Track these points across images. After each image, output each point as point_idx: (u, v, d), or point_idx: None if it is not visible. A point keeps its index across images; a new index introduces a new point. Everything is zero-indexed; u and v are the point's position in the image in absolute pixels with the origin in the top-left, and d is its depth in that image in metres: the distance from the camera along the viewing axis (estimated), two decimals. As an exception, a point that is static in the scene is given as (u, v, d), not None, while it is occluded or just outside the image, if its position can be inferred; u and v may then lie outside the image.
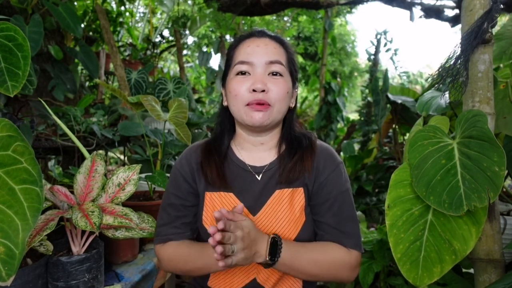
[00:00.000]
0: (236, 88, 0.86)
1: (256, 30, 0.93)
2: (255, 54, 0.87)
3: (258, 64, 0.86)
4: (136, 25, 5.08)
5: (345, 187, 0.92)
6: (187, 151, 0.99)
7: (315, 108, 6.10)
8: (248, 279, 0.92)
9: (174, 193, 0.95)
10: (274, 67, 0.87)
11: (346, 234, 0.88)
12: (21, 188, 0.64)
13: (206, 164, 0.93)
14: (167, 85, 2.35)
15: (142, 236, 1.01)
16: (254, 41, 0.89)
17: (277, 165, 0.93)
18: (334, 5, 3.55)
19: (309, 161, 0.91)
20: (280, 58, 0.88)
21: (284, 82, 0.87)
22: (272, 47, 0.88)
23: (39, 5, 1.94)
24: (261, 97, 0.84)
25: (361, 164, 3.30)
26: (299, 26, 8.25)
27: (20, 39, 0.88)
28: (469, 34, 0.89)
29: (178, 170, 0.96)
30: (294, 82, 0.93)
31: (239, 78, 0.87)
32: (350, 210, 0.91)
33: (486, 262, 0.88)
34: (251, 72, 0.87)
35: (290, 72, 0.91)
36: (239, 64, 0.87)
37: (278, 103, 0.86)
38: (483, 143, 0.79)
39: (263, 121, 0.85)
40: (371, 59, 4.15)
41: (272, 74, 0.87)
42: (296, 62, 0.95)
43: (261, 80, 0.84)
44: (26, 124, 1.44)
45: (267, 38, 0.90)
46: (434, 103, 1.19)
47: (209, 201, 0.93)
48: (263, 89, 0.83)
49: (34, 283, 0.86)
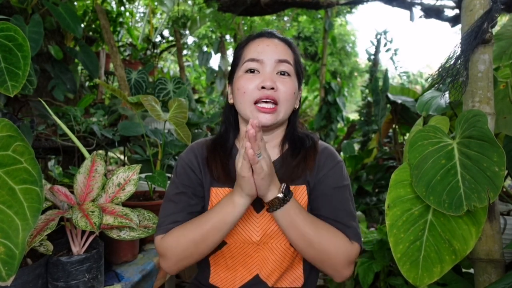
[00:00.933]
0: (245, 85, 0.87)
1: (266, 31, 0.95)
2: (265, 52, 0.88)
3: (268, 62, 0.87)
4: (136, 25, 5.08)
5: (344, 183, 0.92)
6: (193, 145, 1.00)
7: (315, 108, 6.10)
8: (250, 275, 0.92)
9: (183, 183, 0.93)
10: (283, 67, 0.88)
11: (344, 226, 0.88)
12: (21, 188, 0.64)
13: (212, 159, 0.94)
14: (167, 85, 2.35)
15: (148, 235, 1.01)
16: (263, 41, 0.91)
17: (280, 164, 0.93)
18: (334, 5, 3.55)
19: (312, 160, 0.92)
20: (289, 58, 0.90)
21: (292, 82, 0.89)
22: (281, 47, 0.90)
23: (39, 5, 1.94)
24: (270, 93, 0.85)
25: (361, 164, 3.30)
26: (299, 26, 8.25)
27: (20, 39, 0.88)
28: (469, 34, 0.89)
29: (186, 162, 0.96)
30: (300, 84, 0.95)
31: (248, 75, 0.88)
32: (348, 205, 0.91)
33: (486, 262, 0.88)
34: (260, 70, 0.88)
35: (296, 73, 0.92)
36: (248, 62, 0.88)
37: (285, 103, 0.87)
38: (483, 143, 0.79)
39: (270, 122, 0.86)
40: (371, 59, 4.15)
41: (281, 74, 0.88)
42: (301, 65, 0.97)
43: (271, 78, 0.86)
44: (26, 124, 1.44)
45: (276, 39, 0.92)
46: (434, 103, 1.19)
47: (214, 197, 0.93)
48: (272, 86, 0.85)
49: (34, 283, 0.86)
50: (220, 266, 0.95)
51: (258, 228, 0.90)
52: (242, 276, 0.92)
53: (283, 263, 0.91)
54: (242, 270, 0.92)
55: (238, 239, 0.90)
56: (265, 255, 0.91)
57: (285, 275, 0.93)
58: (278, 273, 0.91)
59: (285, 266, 0.91)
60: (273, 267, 0.90)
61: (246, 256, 0.92)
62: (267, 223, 0.90)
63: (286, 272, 0.93)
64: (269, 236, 0.90)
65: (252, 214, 0.91)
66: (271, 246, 0.90)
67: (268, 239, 0.90)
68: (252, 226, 0.90)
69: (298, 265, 0.94)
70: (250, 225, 0.91)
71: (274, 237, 0.90)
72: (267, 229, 0.90)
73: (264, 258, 0.91)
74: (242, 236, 0.90)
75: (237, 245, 0.91)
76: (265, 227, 0.90)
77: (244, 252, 0.92)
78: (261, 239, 0.90)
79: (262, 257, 0.91)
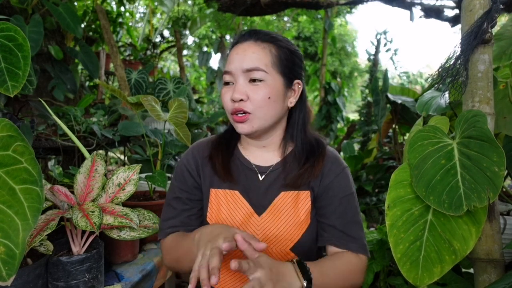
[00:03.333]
0: (223, 98, 0.88)
1: (241, 33, 0.89)
2: (233, 63, 0.85)
3: (236, 73, 0.85)
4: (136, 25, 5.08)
5: (350, 190, 0.92)
6: (194, 146, 1.00)
7: (315, 108, 6.10)
8: None
9: (179, 187, 0.96)
10: (253, 74, 0.83)
11: (352, 238, 0.88)
12: (21, 188, 0.64)
13: (215, 155, 0.94)
14: (167, 85, 2.35)
15: (148, 234, 1.01)
16: (235, 48, 0.87)
17: (281, 167, 0.93)
18: (334, 5, 3.55)
19: (319, 167, 0.91)
20: (259, 63, 0.83)
21: (265, 87, 0.83)
22: (250, 52, 0.84)
23: (39, 5, 1.94)
24: (237, 106, 0.84)
25: (361, 164, 3.30)
26: (299, 26, 8.25)
27: (20, 39, 0.88)
28: (469, 34, 0.89)
29: (184, 164, 0.97)
30: (291, 80, 0.89)
31: (225, 88, 0.88)
32: (355, 214, 0.91)
33: (486, 262, 0.88)
34: (233, 81, 0.86)
35: (280, 72, 0.86)
36: (224, 74, 0.88)
37: (259, 110, 0.84)
38: (483, 143, 0.79)
39: (247, 131, 0.85)
40: (371, 59, 4.15)
41: (252, 81, 0.84)
42: (292, 59, 0.88)
43: (239, 90, 0.83)
44: (26, 124, 1.44)
45: (251, 40, 0.86)
46: (434, 103, 1.19)
47: (214, 198, 0.94)
48: (240, 98, 0.83)
49: (34, 283, 0.86)
50: (220, 267, 0.95)
51: (259, 231, 0.90)
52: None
53: None
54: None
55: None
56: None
57: None
58: None
59: None
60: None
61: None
62: (268, 226, 0.89)
63: None
64: (269, 240, 0.89)
65: (253, 216, 0.91)
66: (270, 251, 0.89)
67: (268, 243, 0.89)
68: (252, 228, 0.90)
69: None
70: (251, 227, 0.90)
71: (274, 241, 0.89)
72: (268, 233, 0.89)
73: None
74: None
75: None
76: (265, 231, 0.89)
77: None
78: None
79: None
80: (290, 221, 0.89)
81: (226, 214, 0.92)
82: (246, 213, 0.91)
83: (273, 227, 0.89)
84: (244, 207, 0.91)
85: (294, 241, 0.89)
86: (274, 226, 0.89)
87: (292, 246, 0.89)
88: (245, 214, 0.91)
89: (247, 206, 0.91)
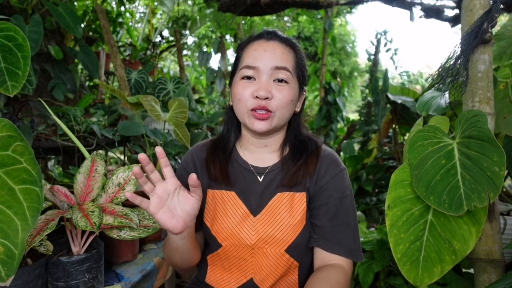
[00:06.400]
0: (241, 92, 0.86)
1: (266, 31, 0.90)
2: (261, 59, 0.85)
3: (264, 70, 0.84)
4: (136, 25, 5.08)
5: (346, 193, 0.91)
6: (193, 148, 1.01)
7: (315, 108, 6.10)
8: (245, 278, 0.92)
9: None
10: (280, 74, 0.85)
11: (339, 241, 0.87)
12: (21, 188, 0.64)
13: (211, 160, 0.94)
14: (167, 85, 2.35)
15: (148, 234, 1.01)
16: (262, 45, 0.87)
17: (279, 168, 0.93)
18: (334, 5, 3.55)
19: (313, 165, 0.91)
20: (287, 64, 0.86)
21: (289, 89, 0.85)
22: (280, 52, 0.86)
23: (39, 5, 1.94)
24: (264, 103, 0.83)
25: (361, 164, 3.30)
26: (299, 26, 8.25)
27: (20, 39, 0.88)
28: (469, 34, 0.89)
29: (183, 166, 0.99)
30: (302, 87, 0.92)
31: (244, 82, 0.86)
32: (347, 217, 0.89)
33: (486, 262, 0.88)
34: (256, 77, 0.85)
35: (297, 77, 0.89)
36: (245, 69, 0.86)
37: (280, 110, 0.85)
38: (483, 143, 0.79)
39: (265, 129, 0.85)
40: (371, 59, 4.15)
41: (278, 81, 0.85)
42: (305, 66, 0.92)
43: (265, 87, 0.83)
44: (26, 124, 1.44)
45: (277, 41, 0.88)
46: (434, 103, 1.19)
47: (211, 199, 0.94)
48: (266, 96, 0.83)
49: (34, 283, 0.86)
50: (216, 266, 0.95)
51: (254, 232, 0.90)
52: (237, 279, 0.92)
53: (278, 269, 0.90)
54: (237, 272, 0.92)
55: (233, 241, 0.90)
56: (259, 260, 0.90)
57: (280, 281, 0.92)
58: (272, 279, 0.90)
59: (280, 273, 0.90)
60: (267, 272, 0.90)
61: (241, 260, 0.92)
62: (263, 227, 0.89)
63: (281, 278, 0.92)
64: (264, 241, 0.89)
65: (249, 217, 0.91)
66: (265, 252, 0.89)
67: (263, 244, 0.89)
68: (247, 229, 0.90)
69: (293, 272, 0.92)
70: (246, 227, 0.90)
71: (270, 242, 0.89)
72: (263, 234, 0.89)
73: (259, 263, 0.90)
74: (237, 238, 0.90)
75: (232, 247, 0.91)
76: (261, 232, 0.89)
77: (239, 256, 0.91)
78: (255, 243, 0.89)
79: (256, 262, 0.91)
80: (285, 222, 0.89)
81: (222, 214, 0.92)
82: (241, 214, 0.91)
83: (269, 228, 0.89)
84: (240, 208, 0.91)
85: (289, 242, 0.88)
86: (269, 227, 0.89)
87: (287, 247, 0.88)
88: (240, 215, 0.91)
89: (243, 207, 0.91)
